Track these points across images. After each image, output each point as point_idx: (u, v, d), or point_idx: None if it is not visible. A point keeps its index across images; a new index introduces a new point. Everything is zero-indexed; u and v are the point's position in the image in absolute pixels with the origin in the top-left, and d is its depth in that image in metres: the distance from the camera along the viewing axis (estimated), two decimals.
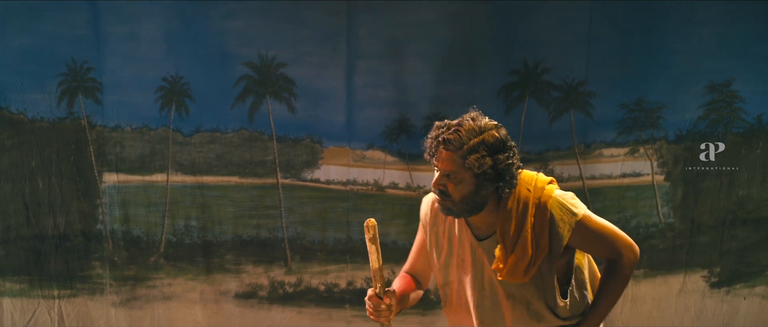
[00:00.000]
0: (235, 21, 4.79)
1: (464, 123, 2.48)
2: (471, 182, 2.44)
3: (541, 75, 4.88)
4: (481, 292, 2.63)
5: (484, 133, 2.44)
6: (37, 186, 4.86)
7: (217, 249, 4.98)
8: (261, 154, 4.94)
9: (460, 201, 2.47)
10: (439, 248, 2.74)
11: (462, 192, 2.46)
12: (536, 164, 4.92)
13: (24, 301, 4.88)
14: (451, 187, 2.47)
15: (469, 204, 2.48)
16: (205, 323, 4.99)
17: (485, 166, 2.40)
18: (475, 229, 2.62)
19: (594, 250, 2.61)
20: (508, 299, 2.57)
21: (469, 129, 2.44)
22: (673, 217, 4.97)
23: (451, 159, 2.44)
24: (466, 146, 2.41)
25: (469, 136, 2.43)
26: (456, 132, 2.44)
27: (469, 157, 2.40)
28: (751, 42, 4.89)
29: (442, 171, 2.47)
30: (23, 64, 4.78)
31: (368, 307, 2.64)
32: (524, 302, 2.56)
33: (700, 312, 5.05)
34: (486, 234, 2.59)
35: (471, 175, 2.43)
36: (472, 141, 2.43)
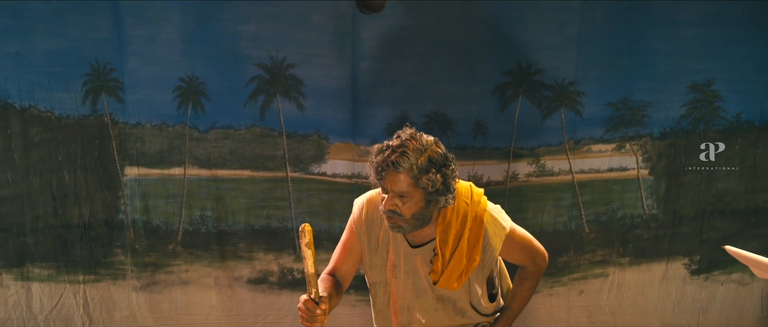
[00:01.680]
0: (247, 25, 4.82)
1: (408, 144, 2.51)
2: (421, 199, 2.51)
3: (533, 75, 4.95)
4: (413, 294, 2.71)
5: (429, 150, 2.51)
6: (63, 179, 4.90)
7: (231, 238, 5.06)
8: (271, 149, 5.01)
9: (411, 218, 2.54)
10: (372, 251, 2.78)
11: (413, 210, 2.52)
12: (529, 159, 5.01)
13: (51, 286, 4.96)
14: (402, 206, 2.53)
15: (419, 220, 2.55)
16: (219, 306, 5.09)
17: (437, 184, 2.48)
18: (409, 237, 2.69)
19: (515, 258, 2.75)
20: (438, 301, 2.70)
21: (414, 149, 2.49)
22: (657, 209, 5.07)
23: (402, 180, 2.49)
24: (415, 167, 2.47)
25: (416, 156, 2.48)
26: (403, 154, 2.48)
27: (421, 178, 2.47)
28: (731, 44, 4.94)
29: (393, 192, 2.50)
30: (50, 65, 4.79)
31: (302, 313, 2.59)
32: (451, 302, 2.69)
33: (680, 297, 5.17)
34: (419, 242, 2.68)
35: (422, 193, 2.49)
36: (420, 160, 2.48)
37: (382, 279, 2.77)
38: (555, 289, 5.10)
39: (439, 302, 2.70)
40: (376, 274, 2.78)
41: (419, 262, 2.68)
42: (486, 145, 5.00)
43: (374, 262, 2.77)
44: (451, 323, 2.75)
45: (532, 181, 5.06)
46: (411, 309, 2.72)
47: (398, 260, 2.71)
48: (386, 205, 2.53)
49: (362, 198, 2.84)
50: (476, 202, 2.65)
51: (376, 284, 2.80)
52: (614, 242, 5.12)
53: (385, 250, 2.74)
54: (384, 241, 2.73)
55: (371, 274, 2.80)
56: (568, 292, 5.14)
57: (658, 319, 5.19)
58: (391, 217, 2.55)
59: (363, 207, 2.79)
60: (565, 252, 5.10)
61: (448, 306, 2.71)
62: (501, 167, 5.03)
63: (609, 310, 5.16)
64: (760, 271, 2.68)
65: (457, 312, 2.72)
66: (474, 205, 2.65)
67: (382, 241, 2.74)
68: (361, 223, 2.78)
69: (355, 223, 2.81)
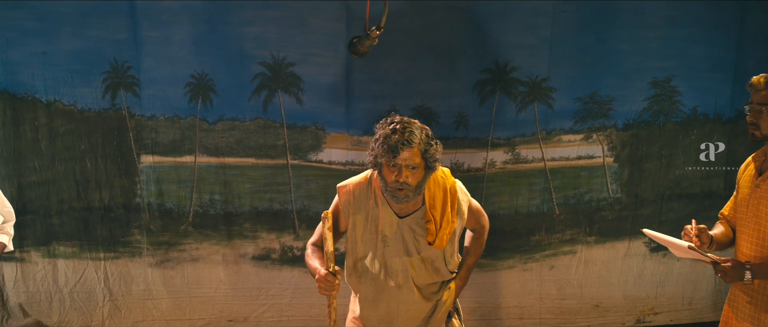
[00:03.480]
0: (252, 27, 4.94)
1: (410, 124, 2.85)
2: (423, 169, 2.87)
3: (509, 72, 5.13)
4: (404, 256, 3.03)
5: (425, 129, 2.90)
6: (85, 166, 5.05)
7: (237, 219, 5.21)
8: (273, 139, 5.14)
9: (416, 186, 2.87)
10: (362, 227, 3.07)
11: (418, 179, 2.87)
12: (505, 148, 5.19)
13: (75, 262, 5.14)
14: (411, 177, 2.85)
15: (419, 188, 2.90)
16: (226, 281, 5.26)
17: (437, 153, 2.87)
18: (396, 209, 3.02)
19: (471, 222, 3.14)
20: (422, 261, 3.04)
21: (418, 128, 2.86)
22: (620, 193, 5.33)
23: (415, 154, 2.82)
24: (422, 142, 2.83)
25: (419, 133, 2.85)
26: (412, 132, 2.82)
27: (429, 149, 2.84)
28: (688, 45, 5.18)
29: (407, 166, 2.82)
30: (73, 63, 4.90)
31: (321, 283, 2.88)
32: (430, 261, 3.06)
33: (641, 272, 5.46)
34: (404, 213, 3.01)
35: (423, 164, 2.85)
36: (423, 135, 2.86)
37: (371, 250, 3.05)
38: (528, 265, 5.34)
39: (422, 262, 3.04)
40: (366, 247, 3.06)
41: (406, 230, 3.00)
42: (466, 136, 5.18)
43: (365, 236, 3.05)
44: (430, 280, 3.09)
45: (508, 168, 5.26)
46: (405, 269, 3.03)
47: (389, 230, 3.00)
48: (401, 178, 2.83)
49: (347, 185, 3.11)
50: (447, 177, 3.06)
51: (363, 259, 3.08)
52: (582, 223, 5.37)
53: (374, 225, 3.02)
54: (373, 217, 3.02)
55: (360, 248, 3.07)
56: (540, 267, 5.38)
57: (621, 291, 5.45)
58: (401, 188, 2.85)
59: (350, 190, 3.07)
60: (538, 232, 5.34)
61: (429, 265, 3.05)
62: (480, 155, 5.23)
63: (577, 284, 5.42)
64: (677, 251, 3.09)
65: (434, 270, 3.07)
66: (447, 179, 3.05)
67: (370, 218, 3.02)
68: (350, 205, 3.06)
69: (344, 204, 3.09)
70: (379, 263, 3.07)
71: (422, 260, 3.05)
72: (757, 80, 2.90)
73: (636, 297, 5.49)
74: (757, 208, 2.92)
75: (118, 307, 5.23)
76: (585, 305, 5.45)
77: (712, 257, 2.92)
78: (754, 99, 2.88)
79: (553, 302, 5.42)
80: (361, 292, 3.15)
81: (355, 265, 3.12)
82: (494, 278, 5.36)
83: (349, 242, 3.11)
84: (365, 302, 3.14)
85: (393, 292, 3.08)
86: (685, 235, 3.05)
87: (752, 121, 2.88)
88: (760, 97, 2.86)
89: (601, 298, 5.46)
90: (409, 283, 3.06)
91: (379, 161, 2.90)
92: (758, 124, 2.87)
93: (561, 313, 5.43)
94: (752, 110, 2.88)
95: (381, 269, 3.07)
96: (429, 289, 3.12)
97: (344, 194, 3.09)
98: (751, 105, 2.89)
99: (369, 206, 3.04)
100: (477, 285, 5.28)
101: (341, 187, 3.13)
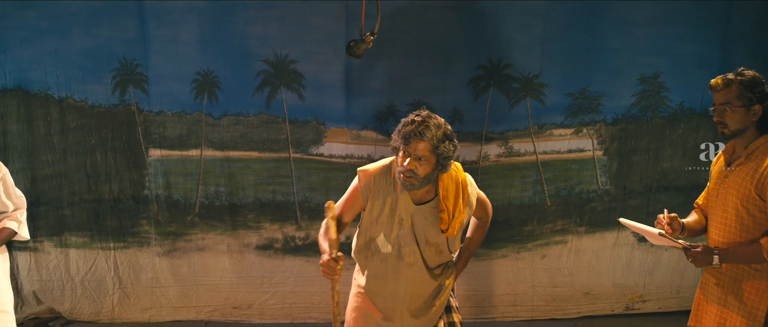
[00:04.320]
0: (255, 26, 5.09)
1: (429, 120, 3.01)
2: (433, 163, 3.04)
3: (503, 69, 5.27)
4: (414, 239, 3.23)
5: (444, 127, 3.05)
6: (96, 159, 5.19)
7: (241, 210, 5.34)
8: (276, 133, 5.27)
9: (423, 177, 3.05)
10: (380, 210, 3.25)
11: (426, 171, 3.04)
12: (499, 142, 5.33)
13: (86, 252, 5.30)
14: (419, 167, 3.03)
15: (428, 179, 3.08)
16: (231, 269, 5.40)
17: (449, 151, 3.02)
18: (413, 197, 3.20)
19: (478, 211, 3.34)
20: (427, 244, 3.24)
21: (435, 124, 3.01)
22: (610, 185, 5.46)
23: (425, 147, 2.99)
24: (435, 137, 2.98)
25: (436, 129, 3.00)
26: (427, 127, 2.99)
27: (439, 146, 2.99)
28: (676, 42, 5.31)
29: (415, 155, 2.99)
30: (84, 61, 5.06)
31: (325, 268, 3.07)
32: (436, 245, 3.26)
33: (629, 261, 5.59)
34: (419, 201, 3.20)
35: (436, 158, 3.01)
36: (439, 133, 3.01)
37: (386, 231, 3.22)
38: (521, 254, 5.51)
39: (428, 245, 3.24)
40: (382, 228, 3.23)
41: (420, 217, 3.19)
42: (462, 130, 5.31)
43: (381, 219, 3.22)
44: (435, 261, 3.29)
45: (501, 161, 5.41)
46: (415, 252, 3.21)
47: (405, 215, 3.19)
48: (408, 165, 3.01)
49: (369, 169, 3.26)
50: (459, 171, 3.26)
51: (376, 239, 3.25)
52: (572, 214, 5.52)
53: (392, 209, 3.20)
54: (392, 202, 3.20)
55: (375, 229, 3.24)
56: (533, 256, 5.53)
57: (610, 279, 5.60)
58: (408, 176, 3.03)
59: (373, 174, 3.23)
60: (530, 222, 5.49)
61: (433, 248, 3.25)
62: (475, 149, 5.39)
63: (568, 272, 5.56)
64: (652, 238, 3.28)
65: (438, 252, 3.28)
66: (459, 173, 3.25)
67: (389, 203, 3.20)
68: (370, 189, 3.22)
69: (363, 188, 3.25)
70: (392, 244, 3.25)
71: (430, 244, 3.25)
72: (715, 82, 3.08)
73: (625, 285, 5.62)
74: (725, 197, 3.13)
75: (128, 294, 5.40)
76: (576, 293, 5.59)
77: (684, 243, 3.12)
78: (716, 100, 3.08)
79: (544, 290, 5.57)
80: (370, 269, 3.32)
81: (368, 244, 3.28)
82: (488, 267, 5.51)
83: (364, 222, 3.28)
84: (374, 278, 3.32)
85: (402, 271, 3.27)
86: (658, 223, 3.25)
87: (719, 121, 3.08)
88: (720, 97, 3.05)
89: (591, 286, 5.60)
90: (419, 263, 3.26)
91: (396, 146, 3.10)
92: (725, 122, 3.06)
93: (552, 300, 5.58)
94: (717, 111, 3.08)
95: (393, 250, 3.25)
96: (435, 270, 3.33)
97: (365, 178, 3.25)
98: (715, 106, 3.09)
99: (388, 191, 3.22)
100: (471, 273, 5.44)
101: (362, 170, 3.27)
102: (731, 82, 3.05)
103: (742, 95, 3.02)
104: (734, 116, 3.03)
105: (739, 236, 3.06)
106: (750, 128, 3.05)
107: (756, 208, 2.99)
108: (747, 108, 3.02)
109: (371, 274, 3.31)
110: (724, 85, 3.06)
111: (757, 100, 3.01)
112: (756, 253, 2.97)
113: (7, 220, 3.51)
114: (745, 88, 3.02)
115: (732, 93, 3.04)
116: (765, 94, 3.03)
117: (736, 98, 3.02)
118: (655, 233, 3.13)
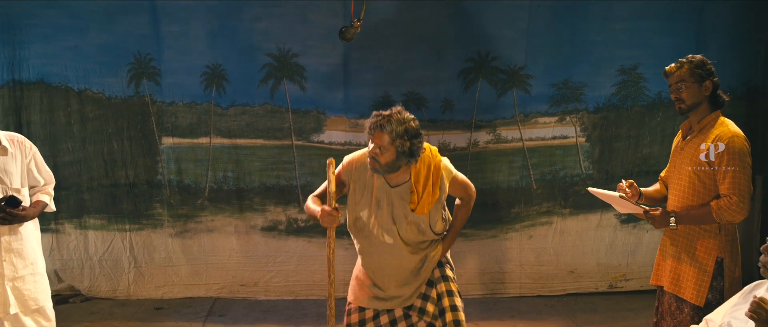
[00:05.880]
0: (260, 22, 5.33)
1: (393, 115, 3.31)
2: (393, 154, 3.32)
3: (491, 62, 5.51)
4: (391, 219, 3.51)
5: (406, 124, 3.30)
6: (113, 147, 5.45)
7: (248, 193, 5.58)
8: (280, 122, 5.51)
9: (384, 164, 3.34)
10: (360, 192, 3.54)
11: (387, 159, 3.33)
12: (487, 129, 5.57)
13: (103, 233, 5.56)
14: (380, 155, 3.32)
15: (390, 167, 3.37)
16: (238, 249, 5.65)
17: (405, 147, 3.31)
18: (389, 179, 3.49)
19: (457, 191, 3.62)
20: (408, 223, 3.51)
21: (397, 120, 3.29)
22: (592, 170, 5.71)
23: (383, 137, 3.29)
24: (394, 132, 3.27)
25: (396, 125, 3.28)
26: (388, 121, 3.28)
27: (396, 140, 3.28)
28: (653, 36, 5.55)
29: (376, 144, 3.31)
30: (102, 56, 5.31)
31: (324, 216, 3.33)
32: (416, 224, 3.53)
33: (612, 242, 5.83)
34: (396, 183, 3.49)
35: (394, 150, 3.31)
36: (399, 128, 3.28)
37: (367, 212, 3.53)
38: (509, 235, 5.78)
39: (408, 225, 3.50)
40: (362, 208, 3.54)
41: (396, 197, 3.48)
42: (452, 118, 5.58)
43: (362, 200, 3.52)
44: (416, 238, 3.56)
45: (490, 147, 5.67)
46: (389, 230, 3.50)
47: (381, 196, 3.48)
48: (370, 151, 3.35)
49: (351, 156, 3.58)
50: (434, 156, 3.54)
51: (361, 218, 3.55)
52: (557, 197, 5.78)
53: (370, 191, 3.50)
54: (369, 185, 3.50)
55: (358, 209, 3.54)
56: (520, 237, 5.80)
57: (594, 259, 5.86)
58: (372, 160, 3.37)
59: (353, 162, 3.54)
60: (517, 204, 5.76)
61: (414, 227, 3.52)
62: (465, 136, 5.64)
63: (553, 252, 5.83)
64: (616, 204, 3.63)
65: (420, 231, 3.55)
66: (433, 158, 3.52)
67: (367, 185, 3.51)
68: (351, 172, 3.53)
69: (346, 170, 3.57)
70: (373, 222, 3.54)
71: (409, 223, 3.53)
72: (669, 68, 3.44)
73: (608, 264, 5.87)
74: (681, 167, 3.49)
75: (142, 273, 5.67)
76: (561, 271, 5.85)
77: (644, 207, 3.48)
78: (671, 81, 3.43)
79: (531, 268, 5.84)
80: (360, 245, 3.65)
81: (355, 222, 3.60)
82: (478, 247, 5.79)
83: (350, 203, 3.59)
84: (363, 253, 3.66)
85: (385, 247, 3.56)
86: (619, 188, 3.62)
87: (677, 97, 3.44)
88: (675, 78, 3.42)
89: (576, 264, 5.85)
90: (398, 241, 3.55)
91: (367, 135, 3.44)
92: (682, 98, 3.42)
93: (539, 278, 5.85)
94: (674, 90, 3.44)
95: (375, 227, 3.54)
96: (417, 246, 3.60)
97: (346, 165, 3.58)
98: (671, 87, 3.45)
99: (366, 177, 3.52)
100: (462, 253, 5.70)
101: (346, 158, 3.61)
102: (683, 64, 3.42)
103: (694, 73, 3.38)
104: (689, 91, 3.38)
105: (692, 201, 3.42)
106: (703, 103, 3.40)
107: (706, 174, 3.35)
108: (699, 83, 3.37)
109: (361, 248, 3.64)
110: (677, 68, 3.42)
111: (706, 77, 3.37)
112: (706, 214, 3.33)
113: (40, 193, 3.83)
114: (695, 67, 3.39)
115: (685, 72, 3.40)
116: (712, 72, 3.40)
117: (689, 76, 3.38)
118: (615, 196, 3.49)
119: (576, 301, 5.75)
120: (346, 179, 3.56)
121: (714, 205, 3.31)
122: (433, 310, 3.57)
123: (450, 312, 3.56)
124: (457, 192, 3.69)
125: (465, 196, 3.70)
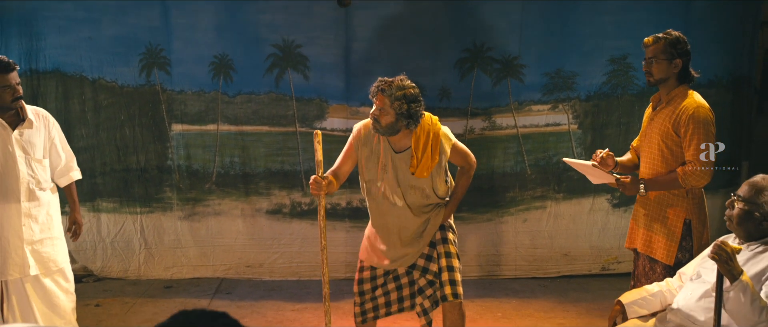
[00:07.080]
0: (265, 14, 5.53)
1: (394, 81, 3.63)
2: (393, 116, 3.62)
3: (486, 52, 5.70)
4: (397, 183, 3.78)
5: (405, 90, 3.61)
6: (125, 133, 5.67)
7: (253, 178, 5.79)
8: (284, 110, 5.70)
9: (385, 125, 3.64)
10: (368, 158, 3.82)
11: (387, 121, 3.63)
12: (483, 117, 5.77)
13: (116, 216, 5.78)
14: (381, 116, 3.63)
15: (390, 128, 3.64)
16: (244, 232, 5.85)
17: (402, 109, 3.60)
18: (393, 145, 3.76)
19: (457, 160, 3.87)
20: (411, 188, 3.79)
21: (397, 85, 3.62)
22: (584, 156, 5.82)
23: (383, 100, 3.61)
24: (393, 95, 3.58)
25: (396, 90, 3.60)
26: (389, 85, 3.61)
27: (394, 103, 3.58)
28: (641, 27, 5.46)
29: (377, 106, 3.62)
30: (114, 46, 5.53)
31: (312, 184, 3.63)
32: (420, 188, 3.80)
33: (604, 225, 6.01)
34: (400, 149, 3.76)
35: (393, 112, 3.60)
36: (397, 93, 3.59)
37: (374, 176, 3.80)
38: (504, 218, 5.98)
39: (412, 188, 3.78)
40: (371, 173, 3.81)
41: (399, 162, 3.74)
42: (449, 106, 5.79)
43: (369, 165, 3.79)
44: (421, 202, 3.82)
45: (485, 134, 5.88)
46: (395, 193, 3.77)
47: (387, 161, 3.74)
48: (373, 113, 3.63)
49: (360, 123, 3.87)
50: (434, 125, 3.81)
51: (371, 181, 3.83)
52: (551, 181, 5.97)
53: (376, 156, 3.77)
54: (376, 151, 3.77)
55: (366, 173, 3.83)
56: (515, 220, 6.00)
57: (587, 242, 6.05)
58: (374, 121, 3.65)
59: (361, 129, 3.84)
60: (512, 189, 5.97)
61: (418, 191, 3.79)
62: (461, 123, 5.84)
63: (547, 235, 6.02)
64: (590, 174, 3.86)
65: (424, 195, 3.81)
66: (433, 126, 3.80)
67: (374, 151, 3.78)
68: (360, 139, 3.81)
69: (355, 139, 3.84)
70: (381, 186, 3.81)
71: (412, 186, 3.78)
72: (647, 40, 3.69)
73: (601, 247, 6.06)
74: (651, 136, 3.73)
75: (152, 254, 5.90)
76: (555, 254, 6.04)
77: (615, 176, 3.72)
78: (647, 54, 3.68)
79: (526, 251, 6.04)
80: (370, 207, 3.93)
81: (366, 186, 3.86)
82: (475, 230, 6.00)
83: (361, 169, 3.86)
84: (373, 214, 3.94)
85: (391, 208, 3.83)
86: (594, 157, 3.85)
87: (647, 70, 3.68)
88: (650, 52, 3.66)
89: (570, 247, 6.05)
90: (403, 203, 3.81)
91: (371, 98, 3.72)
92: (651, 72, 3.67)
93: (534, 260, 6.05)
94: (646, 63, 3.68)
95: (381, 192, 3.82)
96: (420, 209, 3.86)
97: (355, 133, 3.86)
98: (646, 59, 3.69)
99: (373, 142, 3.79)
100: (459, 236, 5.58)
101: (356, 125, 3.89)
102: (659, 39, 3.67)
103: (666, 50, 3.62)
104: (659, 67, 3.63)
105: (661, 168, 3.66)
106: (671, 78, 3.65)
107: (673, 143, 3.59)
108: (669, 61, 3.62)
109: (371, 210, 3.94)
110: (654, 42, 3.67)
111: (678, 55, 3.61)
112: (673, 180, 3.57)
113: (71, 172, 4.09)
114: (669, 45, 3.63)
115: (659, 48, 3.64)
116: (685, 51, 3.64)
117: (661, 53, 3.63)
118: (589, 166, 3.73)
119: (569, 283, 5.94)
120: (356, 144, 3.83)
121: (680, 171, 3.55)
122: (434, 269, 3.85)
123: (446, 272, 3.83)
124: (457, 160, 3.94)
125: (465, 164, 3.96)
